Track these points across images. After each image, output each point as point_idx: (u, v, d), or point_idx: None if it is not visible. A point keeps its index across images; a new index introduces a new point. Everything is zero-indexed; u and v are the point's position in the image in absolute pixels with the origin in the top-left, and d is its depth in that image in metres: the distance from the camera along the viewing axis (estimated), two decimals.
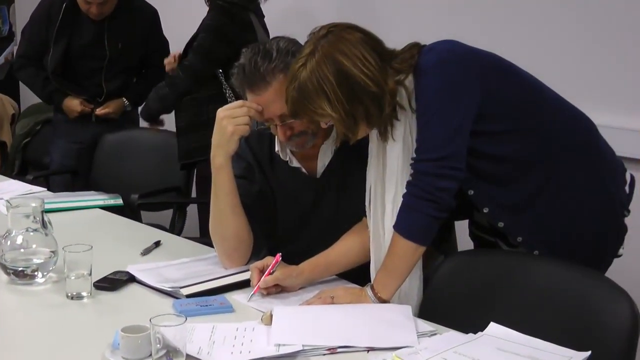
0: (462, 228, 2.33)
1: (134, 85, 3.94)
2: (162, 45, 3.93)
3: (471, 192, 2.03)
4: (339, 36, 1.91)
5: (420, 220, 1.91)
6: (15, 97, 5.55)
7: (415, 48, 1.97)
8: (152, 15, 3.91)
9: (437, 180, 1.88)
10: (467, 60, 1.94)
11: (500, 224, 2.06)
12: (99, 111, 3.79)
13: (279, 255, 2.06)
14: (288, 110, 1.99)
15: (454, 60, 1.92)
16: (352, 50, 1.89)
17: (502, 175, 2.02)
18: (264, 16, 3.58)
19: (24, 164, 4.92)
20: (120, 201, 3.06)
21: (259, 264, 2.07)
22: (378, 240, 2.06)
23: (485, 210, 2.05)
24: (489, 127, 1.96)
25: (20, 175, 4.16)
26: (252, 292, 2.02)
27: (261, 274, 2.04)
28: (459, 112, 1.90)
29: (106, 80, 3.79)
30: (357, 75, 1.87)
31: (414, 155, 1.94)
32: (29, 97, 5.59)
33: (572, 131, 2.06)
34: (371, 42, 1.93)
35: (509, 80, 2.00)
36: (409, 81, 1.94)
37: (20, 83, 5.68)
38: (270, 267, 2.04)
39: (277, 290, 2.06)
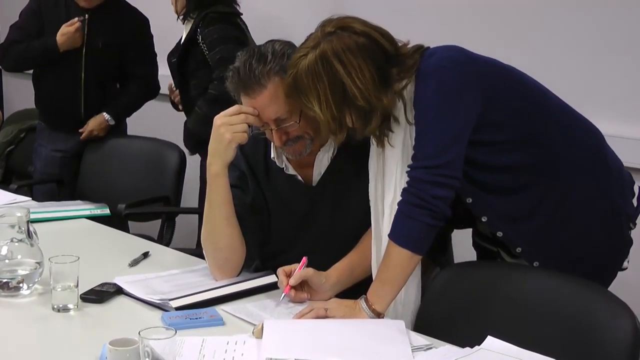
0: (461, 238, 2.30)
1: (117, 97, 3.84)
2: (150, 57, 3.86)
3: (469, 200, 2.00)
4: (341, 41, 1.89)
5: (415, 227, 1.88)
6: None
7: (418, 53, 1.95)
8: (141, 22, 3.84)
9: (433, 188, 1.86)
10: (468, 67, 1.92)
11: (499, 234, 2.03)
12: (83, 136, 3.73)
13: (305, 258, 2.05)
14: (284, 91, 1.99)
15: (454, 66, 1.90)
16: (350, 59, 1.87)
17: (502, 185, 1.99)
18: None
19: (7, 173, 4.86)
20: (107, 211, 3.03)
21: (285, 267, 2.05)
22: (379, 244, 2.04)
23: (484, 219, 2.03)
24: (489, 136, 1.94)
25: (3, 184, 4.10)
26: (283, 293, 2.00)
27: (288, 277, 2.02)
28: (456, 119, 1.88)
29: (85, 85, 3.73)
30: (349, 85, 1.87)
31: (411, 162, 1.92)
32: (13, 105, 5.56)
33: (577, 140, 2.03)
34: (374, 50, 1.90)
35: (511, 88, 1.98)
36: (408, 90, 1.92)
37: (4, 91, 5.65)
38: (298, 268, 2.02)
39: (307, 297, 2.04)
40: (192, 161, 3.58)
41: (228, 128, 2.06)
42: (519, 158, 1.97)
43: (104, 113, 3.76)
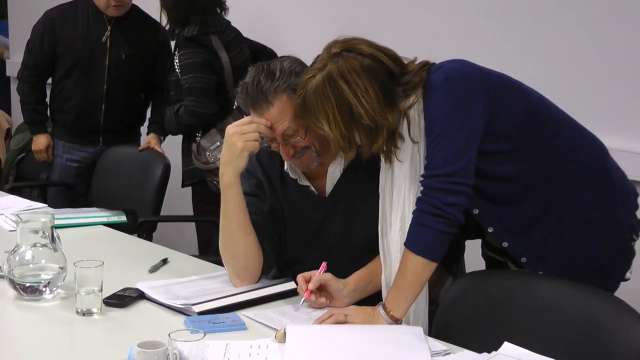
0: (472, 247, 2.34)
1: (154, 117, 3.93)
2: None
3: (476, 211, 2.05)
4: (347, 62, 1.95)
5: (430, 235, 1.92)
6: (9, 111, 5.54)
7: (424, 69, 2.00)
8: (162, 33, 3.84)
9: (446, 195, 1.90)
10: (473, 78, 1.97)
11: (505, 244, 2.08)
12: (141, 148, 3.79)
13: (324, 262, 2.09)
14: (293, 111, 2.04)
15: (461, 76, 1.96)
16: (355, 79, 1.93)
17: (506, 195, 2.04)
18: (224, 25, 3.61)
19: (18, 181, 4.87)
20: (123, 218, 3.05)
21: (305, 273, 2.08)
22: (385, 258, 2.08)
23: (490, 230, 2.07)
24: (494, 146, 1.98)
25: (14, 191, 4.13)
26: (303, 298, 2.04)
27: (308, 282, 2.05)
28: (465, 128, 1.92)
29: (107, 96, 3.78)
30: (355, 105, 1.93)
31: (423, 172, 1.96)
32: None
33: (580, 153, 2.08)
34: (379, 70, 1.96)
35: (515, 99, 2.03)
36: (415, 107, 1.97)
37: (13, 98, 5.68)
38: (318, 273, 2.06)
39: (326, 302, 2.07)
40: None
41: (240, 137, 2.10)
42: (523, 168, 2.02)
43: (153, 134, 3.83)
